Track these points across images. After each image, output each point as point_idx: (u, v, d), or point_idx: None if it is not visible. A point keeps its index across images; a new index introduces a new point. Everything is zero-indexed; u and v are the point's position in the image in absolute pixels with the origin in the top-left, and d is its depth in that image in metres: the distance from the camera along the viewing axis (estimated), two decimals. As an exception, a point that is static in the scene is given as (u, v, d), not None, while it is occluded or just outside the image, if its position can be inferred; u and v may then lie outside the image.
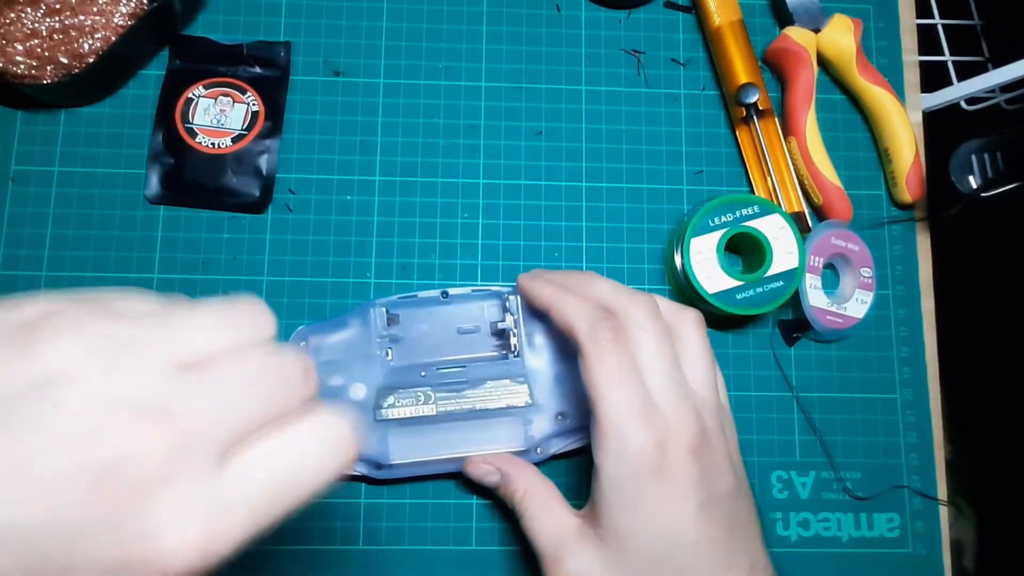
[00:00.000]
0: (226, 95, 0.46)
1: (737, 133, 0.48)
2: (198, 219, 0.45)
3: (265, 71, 0.47)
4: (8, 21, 0.43)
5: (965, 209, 0.47)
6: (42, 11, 0.44)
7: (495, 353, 0.43)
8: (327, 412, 0.23)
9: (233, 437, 0.21)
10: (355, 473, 0.41)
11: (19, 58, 0.43)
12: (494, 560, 0.43)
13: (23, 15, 0.43)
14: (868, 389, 0.46)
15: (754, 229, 0.43)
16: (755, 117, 0.47)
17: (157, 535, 0.19)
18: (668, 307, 0.36)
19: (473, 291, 0.43)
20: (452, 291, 0.43)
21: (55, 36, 0.44)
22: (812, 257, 0.45)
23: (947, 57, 0.59)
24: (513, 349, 0.42)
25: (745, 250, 0.46)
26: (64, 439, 0.18)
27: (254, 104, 0.46)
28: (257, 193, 0.45)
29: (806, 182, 0.47)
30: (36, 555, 0.18)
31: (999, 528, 0.74)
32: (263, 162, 0.46)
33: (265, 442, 0.21)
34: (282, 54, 0.47)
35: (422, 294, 0.43)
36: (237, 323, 0.22)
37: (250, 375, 0.22)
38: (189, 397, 0.20)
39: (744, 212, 0.44)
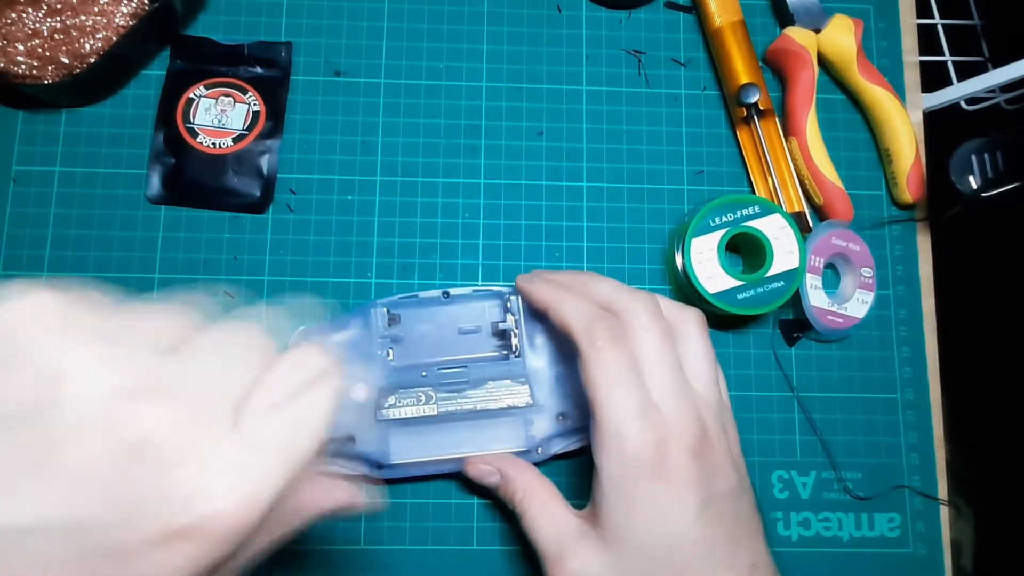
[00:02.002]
0: (227, 95, 0.46)
1: (738, 133, 0.48)
2: (199, 219, 0.46)
3: (266, 71, 0.47)
4: (9, 21, 0.43)
5: (965, 209, 0.47)
6: (43, 11, 0.44)
7: (496, 353, 0.43)
8: (300, 350, 0.24)
9: (232, 397, 0.22)
10: (356, 473, 0.41)
11: (20, 58, 0.43)
12: (495, 560, 0.43)
13: (24, 15, 0.43)
14: (869, 389, 0.46)
15: (755, 229, 0.44)
16: (756, 117, 0.47)
17: (196, 500, 0.20)
18: (669, 306, 0.36)
19: (474, 291, 0.43)
20: (453, 291, 0.43)
21: (56, 36, 0.44)
22: (813, 257, 0.45)
23: (947, 57, 0.59)
24: (514, 349, 0.42)
25: (746, 250, 0.46)
26: (79, 431, 0.19)
27: (255, 104, 0.46)
28: (258, 193, 0.45)
29: (807, 182, 0.47)
30: (83, 547, 0.19)
31: (998, 528, 0.74)
32: (264, 162, 0.46)
33: (261, 392, 0.22)
34: (283, 54, 0.47)
35: (423, 294, 0.43)
36: (184, 309, 0.24)
37: (221, 343, 0.23)
38: (182, 372, 0.21)
39: (745, 212, 0.44)
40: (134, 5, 0.45)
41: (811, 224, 0.47)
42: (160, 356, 0.21)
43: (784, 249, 0.43)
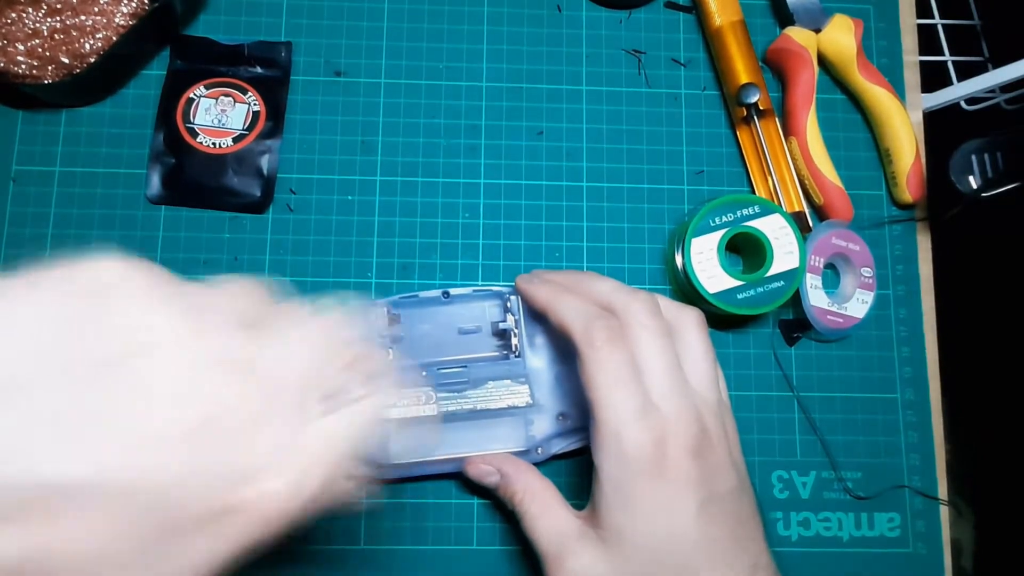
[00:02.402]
0: (227, 95, 0.46)
1: (738, 133, 0.48)
2: (199, 219, 0.46)
3: (266, 71, 0.47)
4: (9, 21, 0.43)
5: (965, 209, 0.47)
6: (43, 11, 0.44)
7: (496, 353, 0.43)
8: (367, 350, 0.25)
9: (307, 388, 0.22)
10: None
11: (20, 58, 0.43)
12: (495, 560, 0.43)
13: (24, 15, 0.43)
14: (869, 389, 0.46)
15: (755, 229, 0.44)
16: (756, 117, 0.47)
17: (255, 479, 0.20)
18: (669, 306, 0.36)
19: (474, 291, 0.43)
20: (453, 291, 0.43)
21: (56, 36, 0.44)
22: (813, 257, 0.45)
23: (947, 57, 0.59)
24: (514, 349, 0.42)
25: (746, 250, 0.46)
26: (164, 396, 0.19)
27: (255, 104, 0.46)
28: (258, 193, 0.45)
29: (807, 182, 0.47)
30: (136, 512, 0.19)
31: (997, 528, 0.74)
32: (264, 162, 0.46)
33: (330, 386, 0.23)
34: (283, 54, 0.47)
35: (423, 294, 0.43)
36: (260, 289, 0.24)
37: (299, 329, 0.23)
38: (261, 351, 0.21)
39: (745, 212, 0.44)
40: (134, 5, 0.45)
41: (811, 224, 0.47)
42: (242, 332, 0.21)
43: (784, 249, 0.43)
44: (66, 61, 0.44)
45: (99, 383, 0.19)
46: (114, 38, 0.44)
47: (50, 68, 0.44)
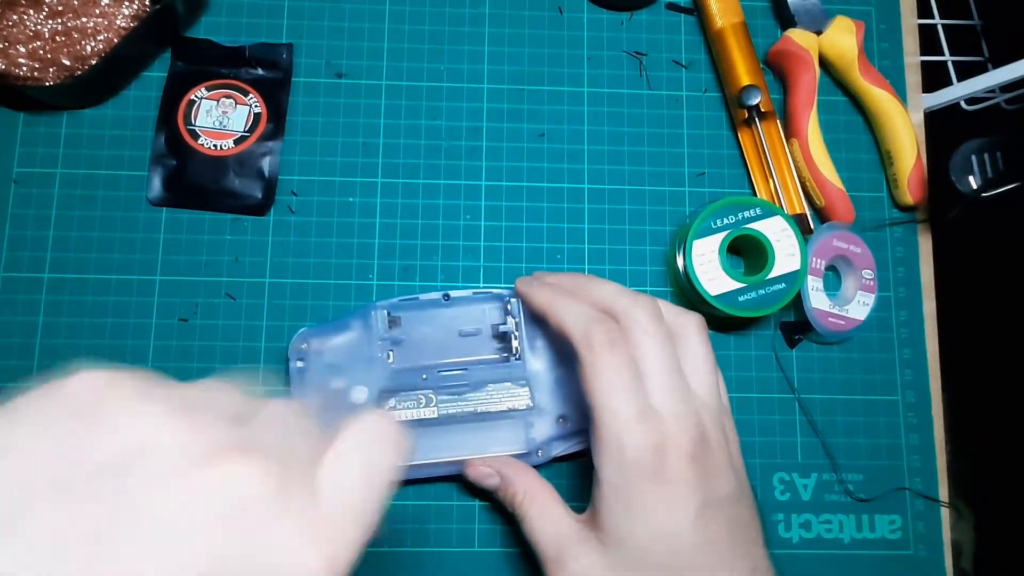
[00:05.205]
0: (228, 97, 0.46)
1: (739, 135, 0.48)
2: (200, 221, 0.46)
3: (267, 73, 0.47)
4: (10, 23, 0.43)
5: (965, 209, 0.47)
6: (44, 13, 0.44)
7: (496, 356, 0.43)
8: (366, 415, 0.24)
9: (309, 463, 0.22)
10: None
11: (21, 60, 0.43)
12: (497, 562, 0.43)
13: (25, 17, 0.43)
14: (870, 391, 0.46)
15: (756, 231, 0.44)
16: (757, 119, 0.47)
17: (286, 563, 0.19)
18: (670, 310, 0.36)
19: (475, 293, 0.43)
20: (454, 293, 0.43)
21: (57, 38, 0.44)
22: (814, 259, 0.45)
23: (947, 57, 0.59)
24: (514, 352, 0.42)
25: (747, 252, 0.46)
26: (178, 493, 0.18)
27: (256, 106, 0.46)
28: (259, 195, 0.45)
29: (808, 184, 0.47)
30: None
31: (998, 530, 0.74)
32: (265, 164, 0.46)
33: (333, 459, 0.23)
34: (284, 56, 0.47)
35: (424, 296, 0.43)
36: (237, 388, 0.24)
37: (282, 415, 0.23)
38: (258, 438, 0.21)
39: (746, 214, 0.44)
40: (135, 7, 0.45)
41: (812, 226, 0.47)
42: (234, 425, 0.21)
43: (785, 251, 0.43)
44: (67, 63, 0.44)
45: (102, 496, 0.18)
46: (115, 40, 0.44)
47: (51, 70, 0.44)
